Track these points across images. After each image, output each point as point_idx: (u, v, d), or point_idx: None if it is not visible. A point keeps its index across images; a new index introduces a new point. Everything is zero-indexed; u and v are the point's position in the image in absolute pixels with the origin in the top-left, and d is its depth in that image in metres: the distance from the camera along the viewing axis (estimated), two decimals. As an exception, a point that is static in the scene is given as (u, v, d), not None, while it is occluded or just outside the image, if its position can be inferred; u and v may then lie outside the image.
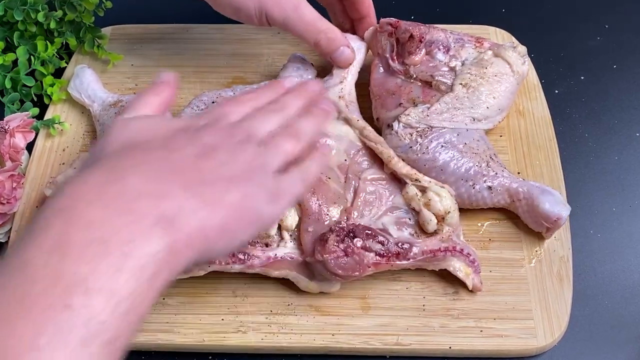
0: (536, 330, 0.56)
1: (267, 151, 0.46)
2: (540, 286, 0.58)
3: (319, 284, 0.57)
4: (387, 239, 0.55)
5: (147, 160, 0.41)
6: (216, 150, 0.44)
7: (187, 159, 0.42)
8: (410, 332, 0.56)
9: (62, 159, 0.67)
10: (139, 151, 0.42)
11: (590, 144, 0.70)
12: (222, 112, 0.48)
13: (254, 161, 0.45)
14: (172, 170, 0.41)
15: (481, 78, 0.63)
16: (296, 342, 0.56)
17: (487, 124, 0.63)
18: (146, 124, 0.46)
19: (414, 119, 0.61)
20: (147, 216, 0.38)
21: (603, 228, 0.64)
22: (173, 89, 0.52)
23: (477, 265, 0.57)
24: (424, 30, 0.65)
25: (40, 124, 0.68)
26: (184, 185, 0.41)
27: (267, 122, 0.49)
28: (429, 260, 0.56)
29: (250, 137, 0.46)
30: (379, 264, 0.54)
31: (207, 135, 0.45)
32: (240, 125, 0.47)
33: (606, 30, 0.80)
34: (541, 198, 0.58)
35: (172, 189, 0.40)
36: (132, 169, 0.40)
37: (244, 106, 0.50)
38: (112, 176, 0.39)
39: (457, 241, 0.57)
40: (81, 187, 0.38)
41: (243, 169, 0.44)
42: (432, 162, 0.59)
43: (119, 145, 0.44)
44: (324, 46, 0.63)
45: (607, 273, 0.62)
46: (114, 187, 0.38)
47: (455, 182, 0.59)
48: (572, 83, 0.75)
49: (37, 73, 0.72)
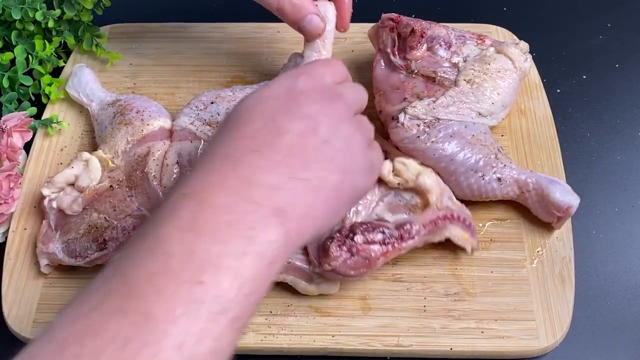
0: (538, 331, 0.56)
1: (362, 126, 0.48)
2: (542, 287, 0.58)
3: (317, 286, 0.57)
4: (386, 226, 0.55)
5: (256, 147, 0.43)
6: (319, 123, 0.45)
7: (292, 141, 0.43)
8: (411, 333, 0.56)
9: (60, 159, 0.67)
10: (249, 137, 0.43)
11: (592, 143, 0.70)
12: (318, 72, 0.48)
13: (354, 134, 0.47)
14: (281, 156, 0.43)
15: (484, 74, 0.63)
16: (296, 343, 0.56)
17: (492, 120, 0.63)
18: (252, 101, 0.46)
19: (421, 111, 0.61)
20: (264, 207, 0.40)
21: (605, 228, 0.64)
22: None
23: (473, 227, 0.58)
24: (425, 26, 0.65)
25: (38, 123, 0.68)
26: (292, 172, 0.42)
27: (352, 90, 0.50)
28: (432, 231, 0.56)
29: (348, 106, 0.47)
30: (387, 253, 0.54)
31: (308, 105, 0.45)
32: (335, 91, 0.48)
33: (608, 28, 0.80)
34: (551, 188, 0.58)
35: (282, 178, 0.42)
36: (245, 158, 0.42)
37: (332, 68, 0.50)
38: (229, 166, 0.41)
39: (452, 207, 0.57)
40: (205, 176, 0.41)
41: (342, 147, 0.45)
42: (442, 151, 0.59)
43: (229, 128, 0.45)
44: (289, 13, 0.58)
45: (610, 274, 0.62)
46: (232, 176, 0.41)
47: (465, 173, 0.59)
48: (574, 82, 0.75)
49: (35, 72, 0.72)
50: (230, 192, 0.40)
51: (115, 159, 0.62)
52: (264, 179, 0.41)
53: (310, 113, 0.45)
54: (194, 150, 0.61)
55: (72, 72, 0.71)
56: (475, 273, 0.59)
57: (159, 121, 0.63)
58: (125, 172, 0.61)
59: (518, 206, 0.62)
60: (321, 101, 0.46)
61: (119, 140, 0.62)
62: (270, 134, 0.43)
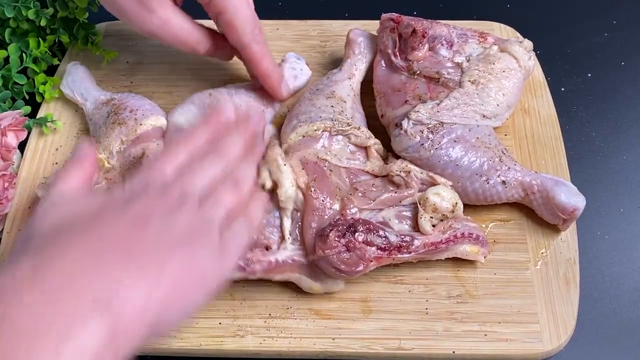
0: (542, 334, 0.56)
1: (208, 207, 0.45)
2: (546, 289, 0.58)
3: (322, 284, 0.57)
4: (388, 232, 0.55)
5: (76, 241, 0.40)
6: (149, 217, 0.43)
7: (118, 233, 0.41)
8: (413, 336, 0.56)
9: (55, 159, 0.67)
10: (66, 233, 0.41)
11: (597, 142, 0.70)
12: (153, 174, 0.47)
13: (194, 220, 0.44)
14: (104, 247, 0.40)
15: (489, 74, 0.63)
16: (295, 346, 0.56)
17: (496, 122, 0.63)
18: (71, 203, 0.45)
19: (425, 115, 0.60)
20: (82, 301, 0.37)
21: (611, 229, 0.64)
22: (93, 158, 0.50)
23: (483, 239, 0.58)
24: (426, 25, 0.65)
25: (32, 122, 0.68)
26: (118, 261, 0.39)
27: (205, 174, 0.47)
28: (431, 252, 0.56)
29: (187, 195, 0.45)
30: (381, 258, 0.54)
31: (138, 204, 0.43)
32: (174, 184, 0.46)
33: (613, 26, 0.80)
34: (556, 189, 0.58)
35: (106, 268, 0.39)
36: (62, 252, 0.39)
37: (176, 158, 0.48)
38: (43, 262, 0.38)
39: (456, 226, 0.57)
40: (15, 274, 0.38)
41: (182, 232, 0.43)
42: (447, 158, 0.59)
43: (46, 228, 0.42)
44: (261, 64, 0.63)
45: (615, 275, 0.62)
46: (46, 274, 0.37)
47: (469, 178, 0.59)
48: (578, 80, 0.75)
49: (29, 71, 0.71)
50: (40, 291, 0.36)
51: (110, 159, 0.62)
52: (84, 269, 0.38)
53: (140, 210, 0.43)
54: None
55: (66, 71, 0.70)
56: (478, 275, 0.59)
57: (152, 120, 0.63)
58: (121, 173, 0.61)
59: (522, 207, 0.62)
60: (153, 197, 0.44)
61: (113, 140, 0.62)
62: (96, 228, 0.41)
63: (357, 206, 0.57)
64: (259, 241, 0.56)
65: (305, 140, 0.60)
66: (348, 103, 0.65)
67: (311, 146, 0.60)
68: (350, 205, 0.57)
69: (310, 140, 0.60)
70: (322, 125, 0.60)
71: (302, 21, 0.77)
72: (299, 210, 0.57)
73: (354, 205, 0.57)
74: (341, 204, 0.57)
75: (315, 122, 0.61)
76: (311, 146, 0.60)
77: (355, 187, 0.58)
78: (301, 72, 0.70)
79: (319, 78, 0.69)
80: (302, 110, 0.63)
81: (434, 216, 0.57)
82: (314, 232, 0.56)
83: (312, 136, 0.60)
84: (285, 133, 0.62)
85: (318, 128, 0.60)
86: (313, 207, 0.56)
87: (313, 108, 0.63)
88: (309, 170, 0.58)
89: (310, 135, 0.60)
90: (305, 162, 0.59)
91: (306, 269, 0.57)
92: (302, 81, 0.70)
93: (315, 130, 0.60)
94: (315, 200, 0.56)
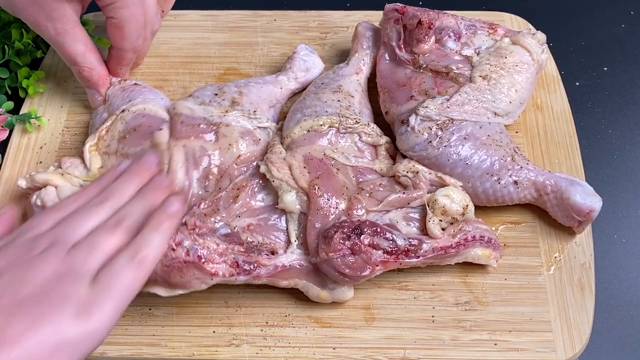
0: (555, 343, 0.56)
1: (81, 254, 0.43)
2: (560, 295, 0.58)
3: (331, 292, 0.57)
4: (395, 234, 0.55)
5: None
6: (1, 273, 0.41)
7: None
8: (418, 346, 0.56)
9: (39, 157, 0.67)
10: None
11: (614, 140, 0.70)
12: (29, 225, 0.46)
13: (57, 271, 0.42)
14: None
15: (501, 69, 0.63)
16: (294, 356, 0.56)
17: (508, 120, 0.63)
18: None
19: (434, 111, 0.60)
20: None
21: (628, 232, 0.64)
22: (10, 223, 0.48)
23: (495, 242, 0.58)
24: (433, 16, 0.65)
25: (15, 119, 0.68)
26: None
27: (87, 220, 0.46)
28: (440, 257, 0.56)
29: (57, 243, 0.43)
30: (388, 262, 0.54)
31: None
32: (47, 234, 0.44)
33: (631, 16, 0.80)
34: (570, 190, 0.58)
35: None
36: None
37: (60, 212, 0.47)
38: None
39: (467, 228, 0.57)
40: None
41: (36, 287, 0.41)
42: (456, 156, 0.59)
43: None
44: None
45: (633, 281, 0.62)
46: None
47: (480, 177, 0.59)
48: (594, 74, 0.75)
49: (11, 64, 0.72)
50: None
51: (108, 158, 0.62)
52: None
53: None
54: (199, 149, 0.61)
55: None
56: (487, 280, 0.59)
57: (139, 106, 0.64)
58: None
59: (534, 208, 0.62)
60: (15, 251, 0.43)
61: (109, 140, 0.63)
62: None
63: (365, 207, 0.57)
64: (264, 244, 0.56)
65: (310, 135, 0.60)
66: (356, 98, 0.65)
67: (316, 141, 0.60)
68: (358, 206, 0.57)
69: (315, 135, 0.60)
70: (329, 120, 0.61)
71: (301, 11, 0.77)
72: (305, 213, 0.57)
73: (362, 206, 0.57)
74: (348, 203, 0.57)
75: (321, 116, 0.61)
76: (316, 141, 0.60)
77: (362, 186, 0.58)
78: (313, 65, 0.70)
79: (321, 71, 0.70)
80: (307, 104, 0.63)
81: (443, 219, 0.57)
82: (317, 233, 0.56)
83: (318, 131, 0.60)
84: (288, 127, 0.62)
85: (324, 123, 0.60)
86: (317, 206, 0.56)
87: (319, 102, 0.63)
88: (314, 167, 0.58)
89: (316, 129, 0.60)
90: (309, 158, 0.59)
91: (314, 275, 0.56)
92: (314, 74, 0.70)
93: (321, 125, 0.60)
94: (319, 199, 0.56)
